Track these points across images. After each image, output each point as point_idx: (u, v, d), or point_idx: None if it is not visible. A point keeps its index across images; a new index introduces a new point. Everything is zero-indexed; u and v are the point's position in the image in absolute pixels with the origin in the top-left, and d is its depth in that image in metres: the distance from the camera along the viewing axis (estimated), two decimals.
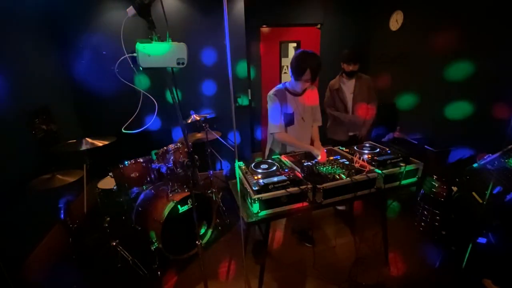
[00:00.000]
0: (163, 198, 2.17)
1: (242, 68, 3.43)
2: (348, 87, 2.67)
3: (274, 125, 1.98)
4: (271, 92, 1.99)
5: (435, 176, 2.37)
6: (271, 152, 2.16)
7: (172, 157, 2.24)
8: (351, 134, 2.75)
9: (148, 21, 1.06)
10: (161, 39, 1.06)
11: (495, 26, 2.29)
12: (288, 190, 1.46)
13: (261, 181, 1.49)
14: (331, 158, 1.82)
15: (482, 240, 1.80)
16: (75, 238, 2.32)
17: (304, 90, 2.00)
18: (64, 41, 2.93)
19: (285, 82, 2.02)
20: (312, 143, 2.16)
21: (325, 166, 1.69)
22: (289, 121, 2.01)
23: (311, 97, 2.08)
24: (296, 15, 3.69)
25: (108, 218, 2.13)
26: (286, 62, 4.42)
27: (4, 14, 2.18)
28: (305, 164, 1.68)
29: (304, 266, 2.19)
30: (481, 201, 1.80)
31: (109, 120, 2.37)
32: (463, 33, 2.56)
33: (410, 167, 1.69)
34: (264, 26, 3.77)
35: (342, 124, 2.71)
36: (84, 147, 2.04)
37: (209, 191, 2.84)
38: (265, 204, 1.44)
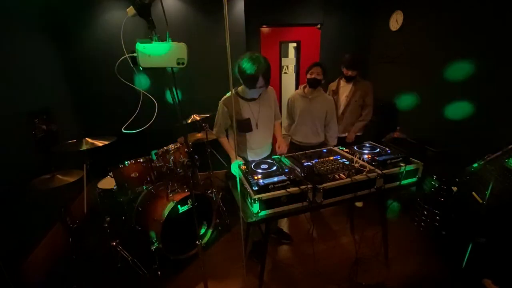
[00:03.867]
0: (163, 198, 2.17)
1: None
2: (344, 90, 2.75)
3: (215, 130, 2.06)
4: (221, 99, 1.96)
5: (435, 176, 2.37)
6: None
7: (172, 157, 2.23)
8: (341, 135, 2.79)
9: (148, 21, 1.06)
10: (161, 39, 1.06)
11: (495, 26, 2.29)
12: (288, 190, 1.46)
13: (261, 181, 1.50)
14: (331, 158, 1.82)
15: (482, 240, 1.80)
16: (75, 238, 2.32)
17: (259, 95, 1.93)
18: (64, 41, 2.93)
19: (237, 88, 1.93)
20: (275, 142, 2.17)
21: (325, 166, 1.69)
22: (245, 127, 1.93)
23: (267, 98, 2.00)
24: (296, 15, 3.69)
25: (108, 218, 2.13)
26: (286, 62, 4.43)
27: (4, 14, 2.18)
28: (305, 164, 1.68)
29: (304, 266, 2.19)
30: (481, 201, 1.81)
31: (109, 120, 2.37)
32: (463, 33, 2.56)
33: (410, 167, 1.69)
34: (264, 26, 3.77)
35: None
36: (84, 147, 2.04)
37: (209, 191, 2.84)
38: (265, 204, 1.44)
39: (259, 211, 1.45)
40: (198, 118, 2.66)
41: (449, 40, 2.71)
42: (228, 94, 1.96)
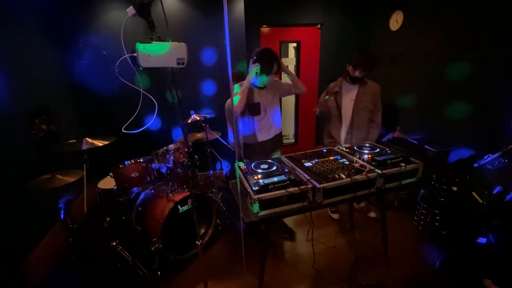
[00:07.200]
0: (163, 198, 2.17)
1: (242, 68, 3.42)
2: (349, 93, 2.39)
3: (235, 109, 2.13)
4: (236, 85, 2.17)
5: (435, 176, 2.37)
6: (246, 146, 2.33)
7: (172, 157, 2.23)
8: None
9: (148, 21, 1.06)
10: (161, 39, 1.06)
11: (495, 26, 2.29)
12: (288, 190, 1.46)
13: (261, 181, 1.50)
14: (331, 158, 1.82)
15: (482, 240, 1.80)
16: (75, 238, 2.32)
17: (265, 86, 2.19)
18: (64, 41, 2.93)
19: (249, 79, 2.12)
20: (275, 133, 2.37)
21: (325, 165, 1.69)
22: (255, 110, 2.18)
23: (275, 86, 2.26)
24: (296, 15, 3.69)
25: (108, 218, 2.13)
26: (286, 62, 4.43)
27: (4, 13, 2.18)
28: (306, 164, 1.67)
29: (304, 266, 2.19)
30: (481, 201, 1.81)
31: (109, 120, 2.37)
32: (463, 33, 2.56)
33: (410, 167, 1.69)
34: (264, 26, 3.77)
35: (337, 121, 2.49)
36: (84, 147, 2.04)
37: (209, 191, 2.84)
38: (265, 204, 1.44)
39: (259, 211, 1.45)
40: (198, 118, 2.65)
41: (449, 40, 2.70)
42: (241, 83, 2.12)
